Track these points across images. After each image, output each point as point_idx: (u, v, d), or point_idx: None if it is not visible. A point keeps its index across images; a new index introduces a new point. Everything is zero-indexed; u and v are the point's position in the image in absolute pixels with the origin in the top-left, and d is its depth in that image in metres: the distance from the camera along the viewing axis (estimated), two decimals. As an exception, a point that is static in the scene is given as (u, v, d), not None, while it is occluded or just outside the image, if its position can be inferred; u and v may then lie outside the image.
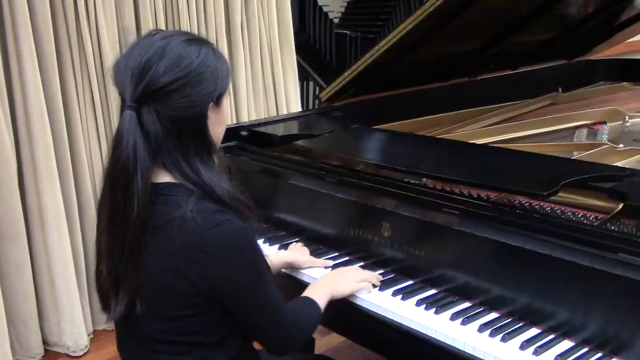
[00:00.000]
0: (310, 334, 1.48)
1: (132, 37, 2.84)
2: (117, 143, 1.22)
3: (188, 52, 1.24)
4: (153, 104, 1.21)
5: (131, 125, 1.20)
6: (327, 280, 1.59)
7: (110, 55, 2.75)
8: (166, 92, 1.21)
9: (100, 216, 1.30)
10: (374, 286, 1.61)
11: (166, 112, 1.22)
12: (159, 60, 1.21)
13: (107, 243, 1.27)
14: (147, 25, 2.87)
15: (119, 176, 1.22)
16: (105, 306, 1.33)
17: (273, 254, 1.76)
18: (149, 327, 1.29)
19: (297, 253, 1.77)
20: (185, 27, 2.98)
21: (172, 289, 1.24)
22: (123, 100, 1.25)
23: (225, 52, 3.16)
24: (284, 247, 1.86)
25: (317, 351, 2.35)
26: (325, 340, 2.66)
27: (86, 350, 2.80)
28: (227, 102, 1.34)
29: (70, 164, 2.72)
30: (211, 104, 1.28)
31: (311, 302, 1.48)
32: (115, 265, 1.26)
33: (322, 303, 1.49)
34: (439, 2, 2.04)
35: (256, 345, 1.45)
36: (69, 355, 2.77)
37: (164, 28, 2.92)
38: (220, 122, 1.33)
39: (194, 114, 1.25)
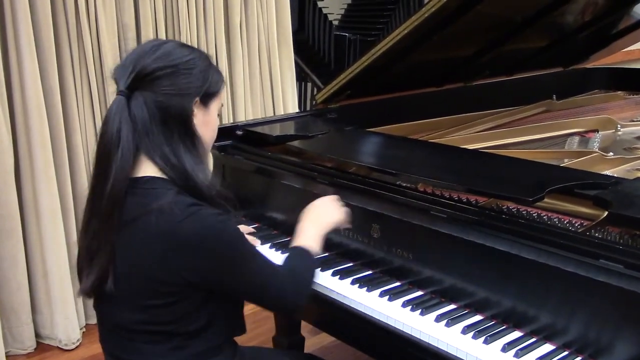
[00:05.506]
0: (311, 283, 1.48)
1: (131, 34, 2.87)
2: (104, 124, 1.32)
3: (180, 51, 1.36)
4: (142, 90, 1.30)
5: (118, 109, 1.29)
6: (312, 218, 1.59)
7: (109, 51, 2.78)
8: (154, 77, 1.30)
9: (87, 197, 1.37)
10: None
11: (153, 97, 1.30)
12: (152, 54, 1.32)
13: (86, 219, 1.35)
14: (147, 23, 2.89)
15: (102, 154, 1.30)
16: (80, 280, 1.39)
17: None
18: (125, 317, 1.34)
19: None
20: (184, 25, 3.00)
21: (149, 277, 1.29)
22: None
23: (223, 50, 3.18)
24: (276, 246, 1.88)
25: (306, 350, 2.38)
26: (315, 340, 2.68)
27: (78, 343, 2.82)
28: (216, 108, 1.41)
29: (66, 158, 2.74)
30: (197, 99, 1.35)
31: (301, 252, 1.50)
32: (90, 240, 1.32)
33: (315, 245, 1.52)
34: (435, 8, 2.06)
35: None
36: (61, 349, 2.79)
37: (163, 26, 2.95)
38: (207, 123, 1.39)
39: (179, 103, 1.32)
